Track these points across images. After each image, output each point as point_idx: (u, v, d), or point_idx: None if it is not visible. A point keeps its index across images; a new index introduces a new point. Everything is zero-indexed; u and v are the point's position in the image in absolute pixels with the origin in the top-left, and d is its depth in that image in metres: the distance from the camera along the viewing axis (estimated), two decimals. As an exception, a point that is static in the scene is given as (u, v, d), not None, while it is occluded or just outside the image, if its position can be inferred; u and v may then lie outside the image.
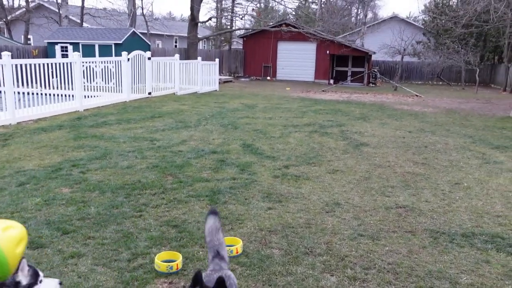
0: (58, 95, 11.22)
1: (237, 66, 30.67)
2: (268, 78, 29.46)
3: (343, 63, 30.26)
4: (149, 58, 14.86)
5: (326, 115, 12.39)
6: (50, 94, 10.45)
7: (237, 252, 3.51)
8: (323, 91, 21.90)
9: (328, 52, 29.06)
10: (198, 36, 25.83)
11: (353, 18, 49.80)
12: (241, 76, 30.03)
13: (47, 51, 19.80)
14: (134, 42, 19.86)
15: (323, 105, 14.89)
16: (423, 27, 33.25)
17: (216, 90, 18.99)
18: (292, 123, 10.43)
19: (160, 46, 36.03)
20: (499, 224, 4.53)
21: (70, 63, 11.30)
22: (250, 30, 30.93)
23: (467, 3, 21.21)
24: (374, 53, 29.97)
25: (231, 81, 25.79)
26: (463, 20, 20.24)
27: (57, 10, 25.08)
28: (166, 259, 3.43)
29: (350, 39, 33.40)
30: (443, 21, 25.86)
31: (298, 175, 6.04)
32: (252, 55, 30.29)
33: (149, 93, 14.86)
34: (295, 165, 6.54)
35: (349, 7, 47.03)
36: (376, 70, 30.02)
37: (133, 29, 20.53)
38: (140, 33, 22.51)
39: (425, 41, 32.39)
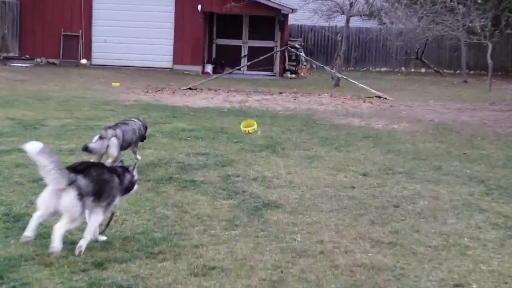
0: None
1: (5, 36, 29.53)
2: (83, 61, 29.05)
3: (231, 31, 30.82)
4: None
5: (195, 141, 12.48)
6: None
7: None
8: (190, 89, 22.00)
9: (200, 7, 29.40)
10: None
11: None
12: (15, 58, 29.36)
13: None
14: None
15: (188, 121, 15.00)
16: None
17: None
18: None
19: None
20: None
21: None
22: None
23: None
24: (294, 10, 30.87)
25: (-10, 68, 24.71)
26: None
27: None
28: None
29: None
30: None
31: None
32: (39, 15, 30.03)
33: None
34: (115, 261, 6.28)
35: None
36: (299, 46, 30.87)
37: None
38: None
39: (390, -11, 34.02)
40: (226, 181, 9.56)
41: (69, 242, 6.75)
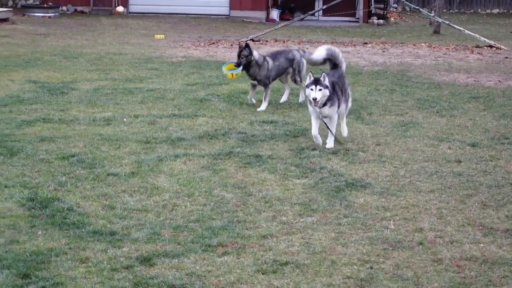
0: None
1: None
2: (119, 9, 28.10)
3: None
4: None
5: (259, 105, 11.90)
6: None
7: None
8: (252, 40, 21.31)
9: None
10: None
11: None
12: (36, 7, 28.55)
13: None
14: None
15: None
16: None
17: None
18: (169, 134, 9.96)
19: None
20: None
21: None
22: None
23: None
24: None
25: (7, 19, 24.28)
26: None
27: None
28: None
29: None
30: None
31: None
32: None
33: None
34: (165, 256, 5.94)
35: None
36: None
37: None
38: None
39: None
40: (300, 156, 9.01)
41: (109, 233, 6.49)
